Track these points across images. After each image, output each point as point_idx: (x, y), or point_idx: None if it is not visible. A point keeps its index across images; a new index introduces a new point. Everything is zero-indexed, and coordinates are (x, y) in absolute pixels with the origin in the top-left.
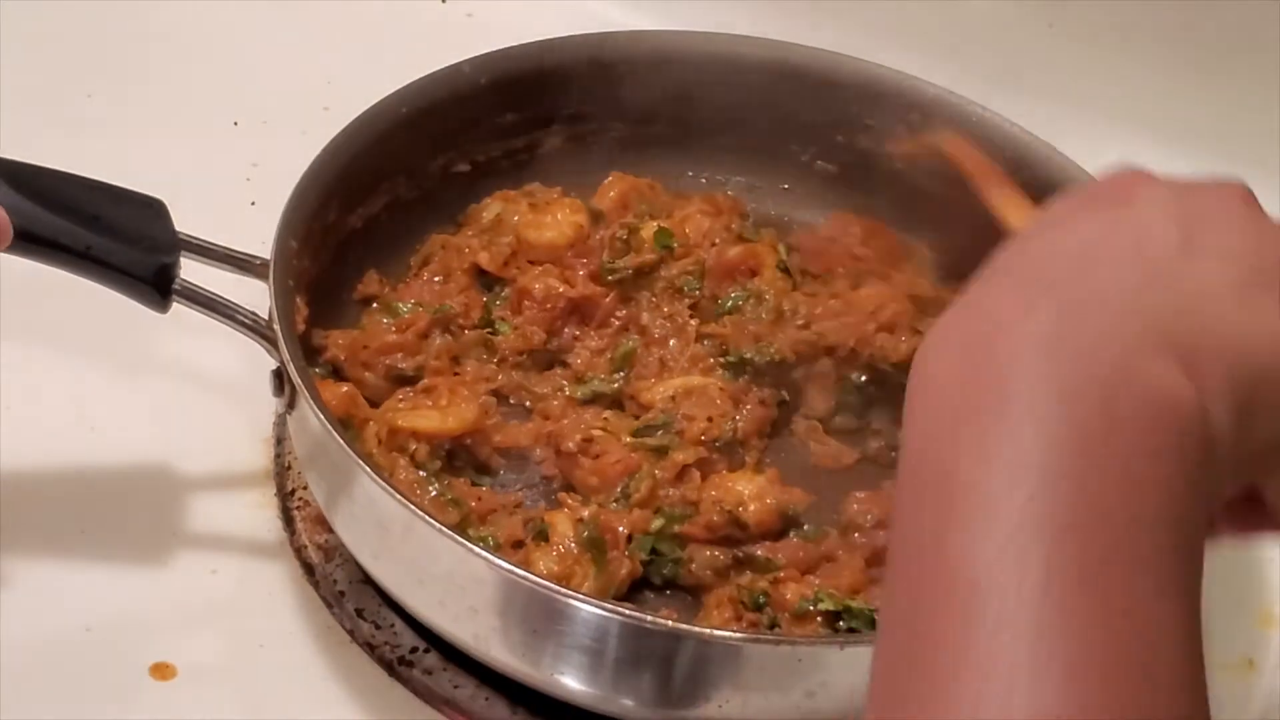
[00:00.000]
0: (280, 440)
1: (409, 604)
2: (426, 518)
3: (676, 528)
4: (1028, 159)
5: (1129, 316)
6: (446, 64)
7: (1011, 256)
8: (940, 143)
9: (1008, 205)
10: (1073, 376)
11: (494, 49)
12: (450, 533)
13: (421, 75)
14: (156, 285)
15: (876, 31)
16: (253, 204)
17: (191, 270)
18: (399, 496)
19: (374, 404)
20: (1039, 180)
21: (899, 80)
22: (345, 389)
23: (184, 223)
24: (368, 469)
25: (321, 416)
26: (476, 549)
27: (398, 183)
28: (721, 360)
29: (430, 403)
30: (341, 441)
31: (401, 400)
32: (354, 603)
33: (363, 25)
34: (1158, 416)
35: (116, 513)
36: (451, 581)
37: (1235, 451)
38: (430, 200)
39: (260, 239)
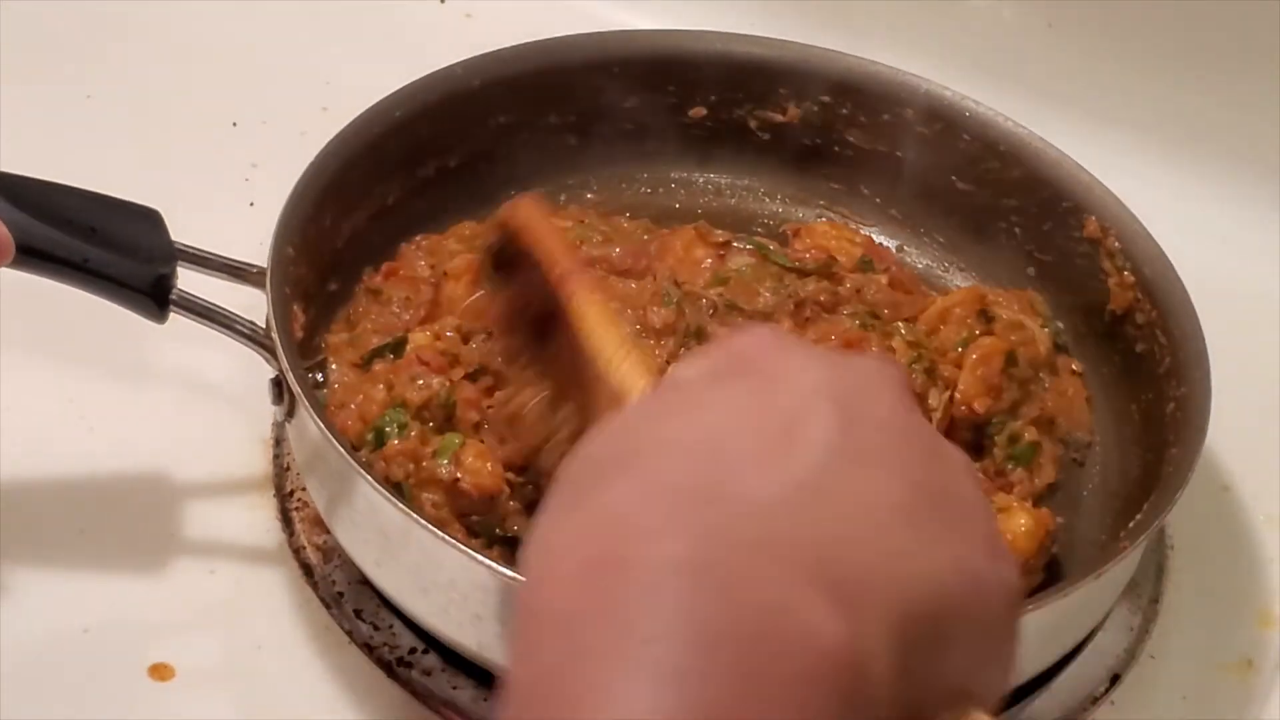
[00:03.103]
0: (279, 441)
1: (413, 611)
2: (428, 525)
3: None
4: (1022, 155)
5: (779, 543)
6: (445, 64)
7: (628, 441)
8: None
9: (590, 311)
10: (715, 618)
11: (491, 50)
12: (452, 540)
13: (419, 76)
14: (154, 296)
15: (876, 31)
16: (251, 205)
17: (188, 278)
18: (400, 504)
19: None
20: (1037, 178)
21: (892, 76)
22: None
23: (183, 223)
24: (368, 476)
25: (321, 424)
26: (479, 556)
27: (392, 187)
28: None
29: None
30: (341, 449)
31: None
32: (352, 604)
33: (362, 25)
34: (805, 662)
35: (115, 514)
36: (454, 588)
37: (897, 692)
38: (425, 203)
39: (259, 240)
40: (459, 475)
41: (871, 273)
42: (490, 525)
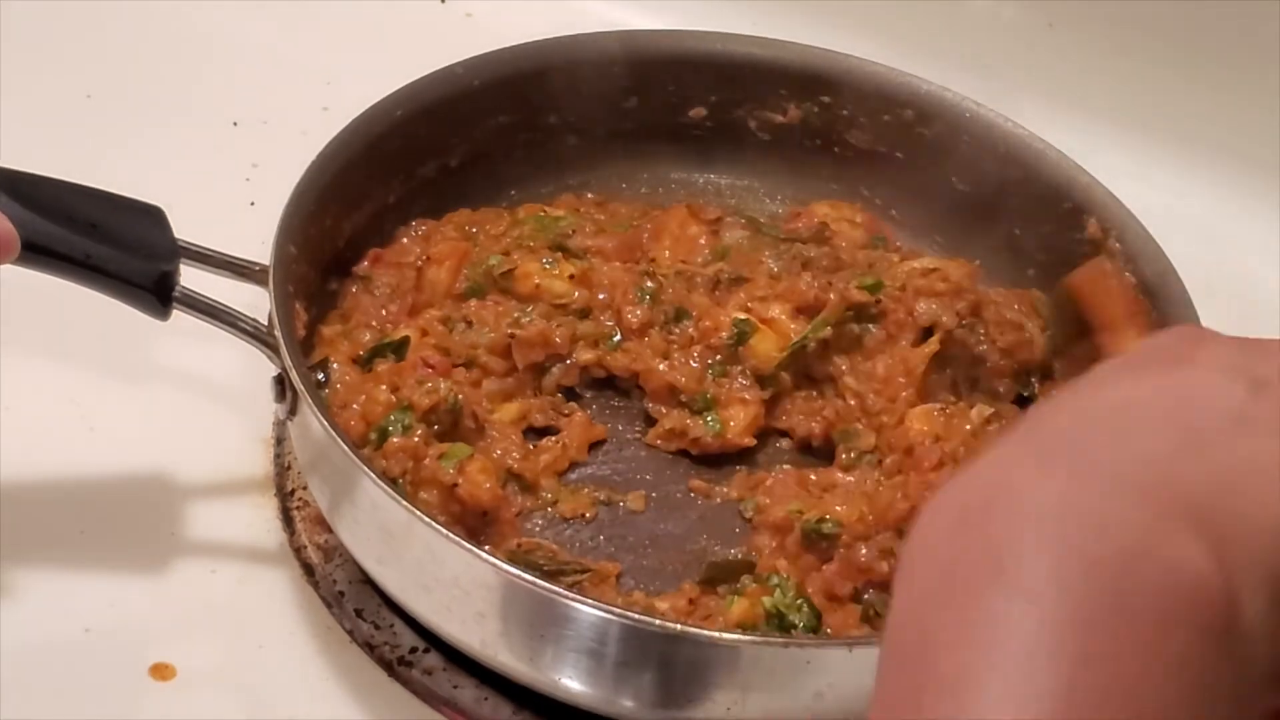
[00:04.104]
0: (280, 441)
1: (415, 610)
2: (431, 522)
3: None
4: (1022, 155)
5: (1155, 487)
6: (445, 64)
7: (1038, 417)
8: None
9: None
10: (1077, 555)
11: (491, 50)
12: (455, 537)
13: (419, 76)
14: (157, 293)
15: (876, 31)
16: (252, 204)
17: (190, 277)
18: (403, 501)
19: None
20: (1037, 178)
21: (892, 76)
22: None
23: (184, 223)
24: (371, 474)
25: (324, 421)
26: (482, 553)
27: (393, 185)
28: None
29: None
30: (345, 446)
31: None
32: (353, 603)
33: (362, 25)
34: (1173, 601)
35: (116, 514)
36: (457, 586)
37: (1274, 650)
38: (426, 202)
39: (260, 239)
40: (459, 481)
41: (884, 249)
42: None
